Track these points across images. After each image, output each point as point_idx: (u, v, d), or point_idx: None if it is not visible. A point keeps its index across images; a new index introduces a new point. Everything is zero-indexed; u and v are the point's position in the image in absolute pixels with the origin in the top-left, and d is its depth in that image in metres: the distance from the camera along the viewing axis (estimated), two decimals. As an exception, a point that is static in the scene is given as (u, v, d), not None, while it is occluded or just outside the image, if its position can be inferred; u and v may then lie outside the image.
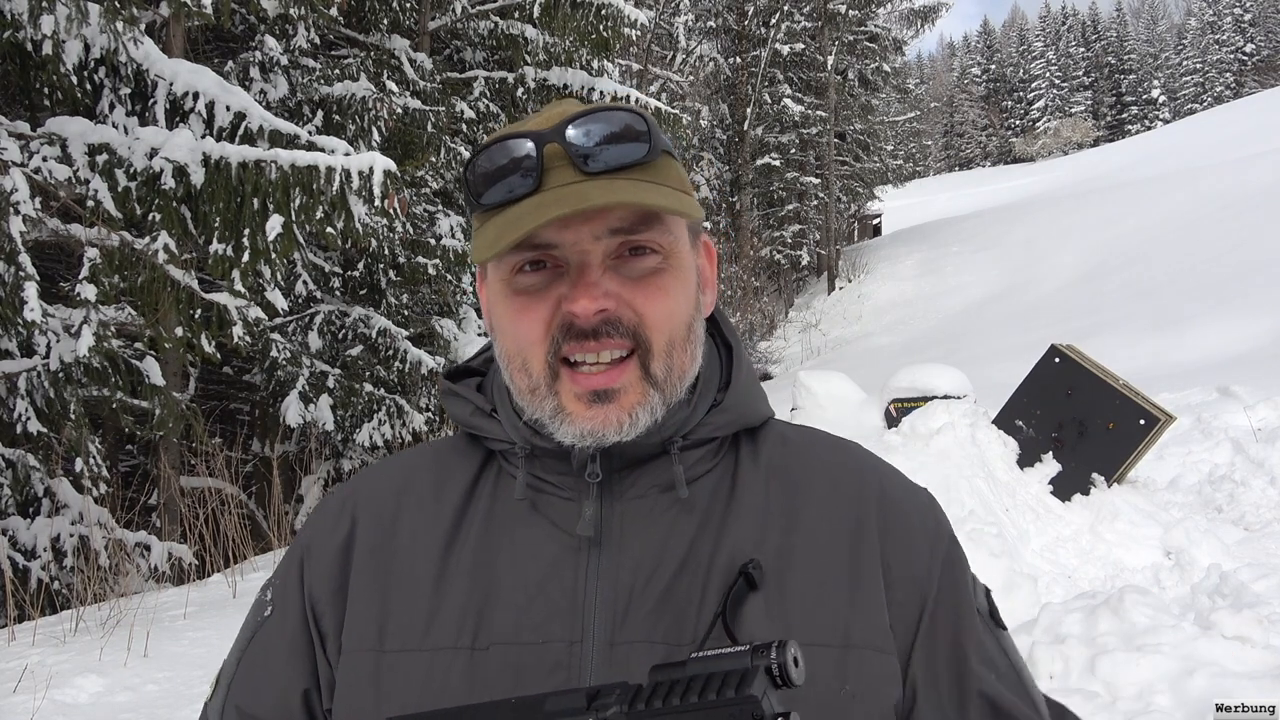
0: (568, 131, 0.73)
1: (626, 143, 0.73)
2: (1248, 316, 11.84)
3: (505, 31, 10.81)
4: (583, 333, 0.73)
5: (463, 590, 0.77)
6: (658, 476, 0.79)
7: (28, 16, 5.15)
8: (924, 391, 6.38)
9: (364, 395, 8.74)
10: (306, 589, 0.81)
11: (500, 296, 0.77)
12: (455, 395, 0.86)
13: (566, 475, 0.79)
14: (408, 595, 0.78)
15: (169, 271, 5.73)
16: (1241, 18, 78.68)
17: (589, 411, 0.74)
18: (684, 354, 0.77)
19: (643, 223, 0.74)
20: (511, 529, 0.79)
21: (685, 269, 0.78)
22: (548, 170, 0.73)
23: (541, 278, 0.74)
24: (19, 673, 3.86)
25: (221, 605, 5.23)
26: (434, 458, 0.87)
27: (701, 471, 0.80)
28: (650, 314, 0.74)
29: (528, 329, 0.75)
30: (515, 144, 0.74)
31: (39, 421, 5.56)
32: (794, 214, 27.54)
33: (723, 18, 26.12)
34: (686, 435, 0.79)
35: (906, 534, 0.80)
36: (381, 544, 0.81)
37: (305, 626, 0.81)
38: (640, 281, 0.74)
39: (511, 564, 0.77)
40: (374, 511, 0.83)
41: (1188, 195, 20.75)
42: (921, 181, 62.16)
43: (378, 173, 5.77)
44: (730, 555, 0.76)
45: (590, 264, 0.73)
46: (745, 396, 0.83)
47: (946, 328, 18.93)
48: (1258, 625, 3.27)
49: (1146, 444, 5.44)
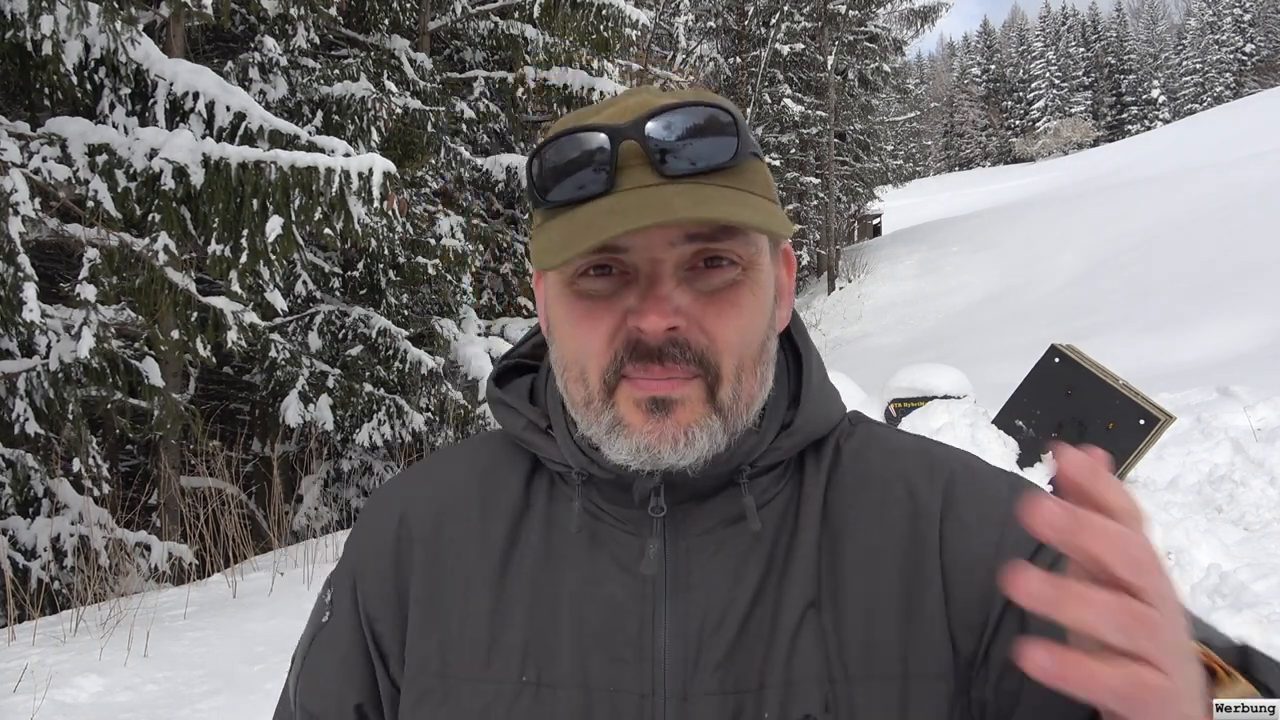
0: (648, 126, 0.66)
1: (711, 138, 0.67)
2: (1248, 316, 11.84)
3: (505, 31, 10.81)
4: (649, 352, 0.67)
5: (523, 621, 0.73)
6: (724, 509, 0.74)
7: (28, 16, 5.15)
8: (924, 391, 6.38)
9: (364, 395, 8.74)
10: (362, 610, 0.79)
11: (561, 300, 0.71)
12: (505, 406, 0.81)
13: (627, 507, 0.74)
14: (465, 618, 0.75)
15: (167, 273, 5.73)
16: (1241, 18, 78.71)
17: (647, 424, 0.68)
18: (753, 378, 0.71)
19: (724, 231, 0.67)
20: (570, 559, 0.74)
21: (764, 283, 0.71)
22: (622, 169, 0.67)
23: (608, 284, 0.68)
24: (19, 673, 3.86)
25: (222, 605, 5.23)
26: (483, 458, 0.82)
27: (770, 497, 0.75)
28: (722, 335, 0.68)
29: (589, 339, 0.69)
30: (588, 137, 0.67)
31: (37, 422, 5.56)
32: (794, 214, 27.53)
33: (723, 18, 26.13)
34: (754, 463, 0.74)
35: (970, 532, 0.72)
36: (434, 566, 0.77)
37: (361, 643, 0.79)
38: (714, 297, 0.68)
39: (572, 600, 0.73)
40: (423, 508, 0.80)
41: (1188, 195, 20.76)
42: (921, 181, 62.18)
43: (377, 173, 5.77)
44: (794, 590, 0.71)
45: (662, 275, 0.67)
46: (816, 412, 0.77)
47: (946, 328, 18.93)
48: (1258, 625, 3.27)
49: (1146, 444, 5.44)
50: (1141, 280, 16.25)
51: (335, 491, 9.81)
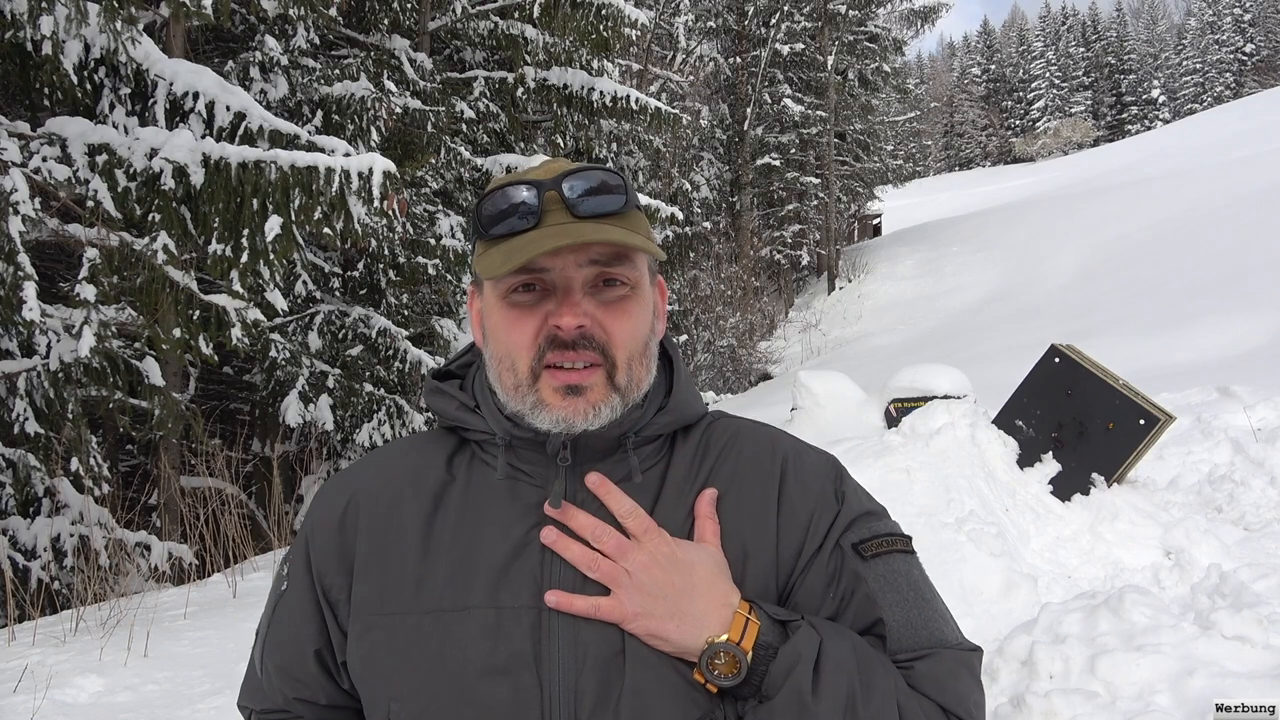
0: (564, 183, 0.92)
1: (606, 194, 0.93)
2: (1248, 316, 11.84)
3: (505, 31, 10.81)
4: (564, 343, 0.91)
5: (445, 560, 0.93)
6: (615, 469, 0.97)
7: (28, 16, 5.15)
8: (924, 391, 6.38)
9: (364, 395, 8.74)
10: (315, 569, 1.00)
11: (496, 309, 0.95)
12: (441, 393, 1.05)
13: (539, 465, 0.96)
14: (399, 565, 0.95)
15: (168, 272, 5.73)
16: (1241, 18, 78.68)
17: (563, 402, 0.91)
18: (640, 367, 0.96)
19: (616, 259, 0.93)
20: (487, 507, 0.96)
21: (646, 299, 0.97)
22: (545, 211, 0.92)
23: (533, 297, 0.93)
24: (19, 673, 3.86)
25: (222, 605, 5.23)
26: (412, 448, 1.05)
27: (653, 463, 0.99)
28: (616, 333, 0.93)
29: (519, 336, 0.93)
30: (519, 189, 0.93)
31: (38, 422, 5.56)
32: (794, 214, 27.54)
33: (723, 18, 26.11)
34: (639, 432, 0.97)
35: (799, 497, 0.97)
36: (375, 524, 0.98)
37: (315, 599, 0.99)
38: (611, 306, 0.93)
39: (488, 538, 0.93)
40: (366, 498, 1.00)
41: (1187, 195, 20.75)
42: (921, 181, 62.16)
43: (377, 173, 5.77)
44: (674, 529, 0.94)
45: (574, 288, 0.92)
46: (684, 401, 1.02)
47: (946, 328, 18.92)
48: (1258, 625, 3.27)
49: (1146, 444, 5.43)
50: (1141, 280, 16.25)
51: (335, 491, 9.78)
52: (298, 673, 1.01)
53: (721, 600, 0.90)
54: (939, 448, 5.58)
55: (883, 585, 0.95)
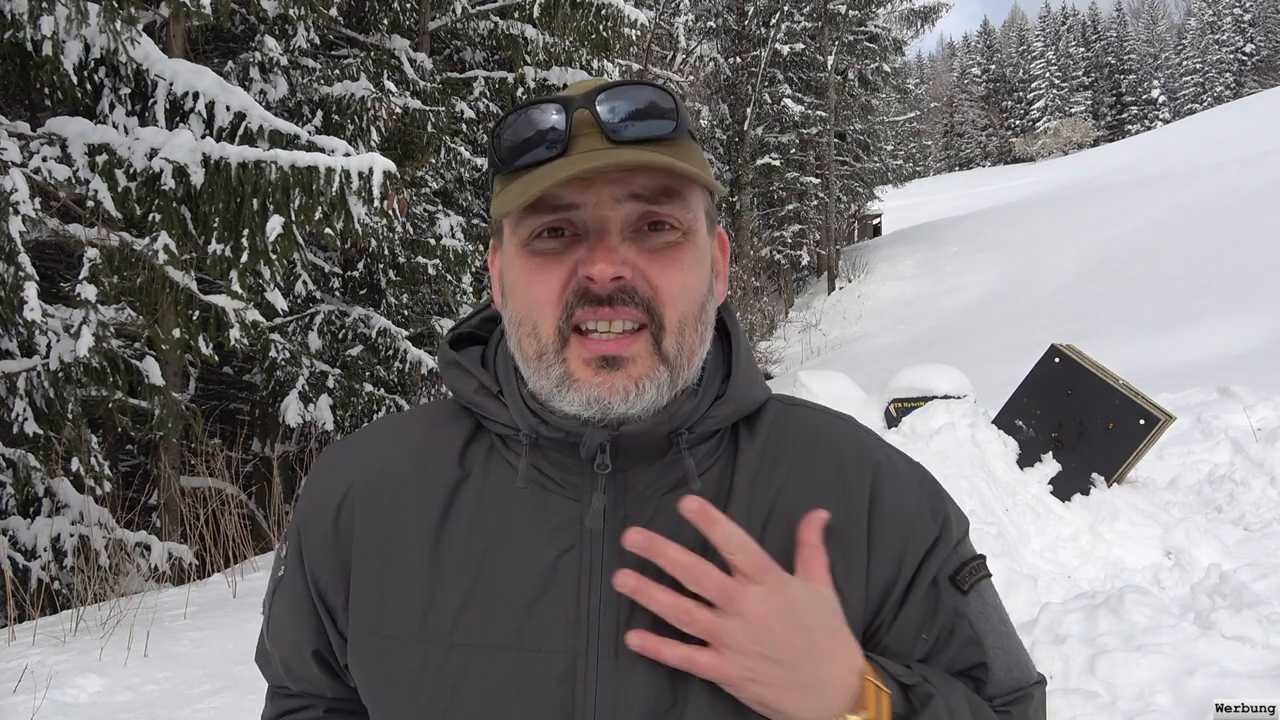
0: (599, 99, 0.74)
1: (653, 119, 0.74)
2: (1248, 316, 11.84)
3: (505, 31, 10.81)
4: (597, 299, 0.72)
5: (458, 582, 0.76)
6: (666, 474, 0.78)
7: (28, 16, 5.14)
8: (924, 391, 6.38)
9: (364, 395, 8.74)
10: (308, 566, 0.84)
11: (517, 260, 0.76)
12: (458, 368, 0.85)
13: (570, 471, 0.78)
14: (401, 580, 0.78)
15: (168, 272, 5.73)
16: (1241, 18, 78.69)
17: (596, 377, 0.73)
18: (695, 334, 0.76)
19: (664, 194, 0.74)
20: (510, 521, 0.78)
21: (702, 249, 0.78)
22: (575, 137, 0.74)
23: (560, 243, 0.74)
24: (19, 673, 3.86)
25: (222, 605, 5.23)
26: (420, 428, 0.86)
27: (709, 464, 0.80)
28: (666, 288, 0.74)
29: (542, 291, 0.74)
30: (545, 109, 0.75)
31: (37, 422, 5.56)
32: (794, 214, 27.54)
33: (723, 18, 26.11)
34: (692, 429, 0.78)
35: (891, 527, 0.80)
36: (374, 525, 0.81)
37: (309, 598, 0.84)
38: (658, 254, 0.74)
39: (512, 562, 0.76)
40: (364, 490, 0.83)
41: (1187, 195, 20.75)
42: (921, 181, 62.17)
43: (377, 173, 5.77)
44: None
45: (610, 230, 0.73)
46: (745, 387, 0.83)
47: (946, 328, 18.92)
48: (1258, 625, 3.27)
49: (1146, 444, 5.44)
50: (1141, 280, 16.25)
51: (335, 491, 9.80)
52: (299, 669, 0.89)
53: (847, 665, 0.73)
54: (939, 448, 5.58)
55: (983, 623, 0.82)
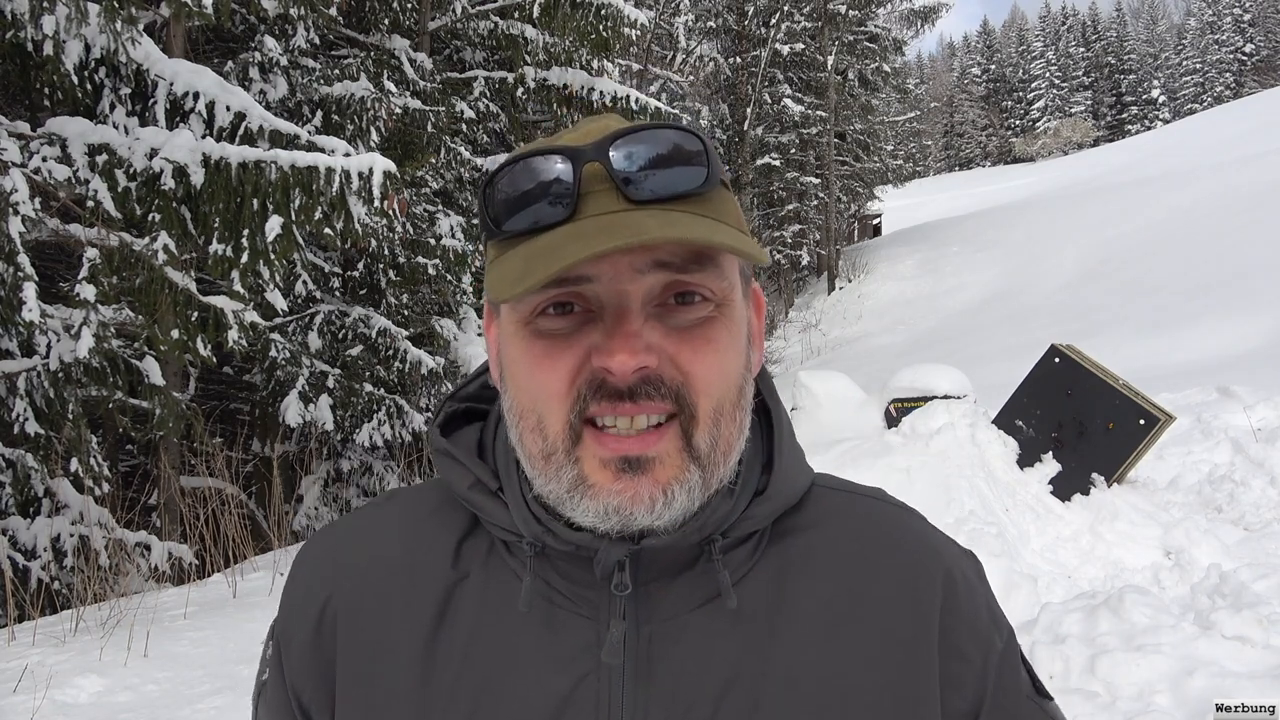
0: (612, 148, 0.61)
1: (679, 167, 0.62)
2: (1248, 316, 11.84)
3: (505, 31, 10.81)
4: (616, 393, 0.60)
5: (454, 709, 0.66)
6: (696, 587, 0.67)
7: (28, 16, 5.15)
8: (924, 391, 6.37)
9: (364, 395, 8.74)
10: (288, 680, 0.73)
11: (516, 340, 0.64)
12: (451, 460, 0.72)
13: (583, 586, 0.67)
14: (390, 704, 0.68)
15: (167, 273, 5.73)
16: (1241, 18, 78.71)
17: (616, 483, 0.61)
18: (732, 424, 0.64)
19: (695, 262, 0.61)
20: (513, 639, 0.67)
21: (739, 321, 0.65)
22: (585, 195, 0.61)
23: (569, 322, 0.62)
24: (19, 673, 3.86)
25: (222, 605, 5.23)
26: (409, 521, 0.74)
27: (744, 571, 0.68)
28: (698, 373, 0.61)
29: (548, 382, 0.62)
30: (548, 161, 0.62)
31: (37, 422, 5.56)
32: (794, 214, 27.54)
33: (723, 18, 26.11)
34: (726, 534, 0.67)
35: (969, 640, 0.70)
36: (358, 636, 0.70)
37: (290, 711, 0.74)
38: (687, 333, 0.62)
39: (515, 688, 0.66)
40: (347, 597, 0.72)
41: (1187, 195, 20.75)
42: (921, 181, 62.20)
43: (377, 173, 5.77)
44: (784, 674, 0.66)
45: (630, 309, 0.60)
46: (790, 478, 0.71)
47: (946, 328, 18.92)
48: (1258, 625, 3.27)
49: (1146, 444, 5.44)
50: (1141, 280, 16.25)
51: (335, 491, 9.81)
52: None
53: None
54: (939, 448, 5.58)
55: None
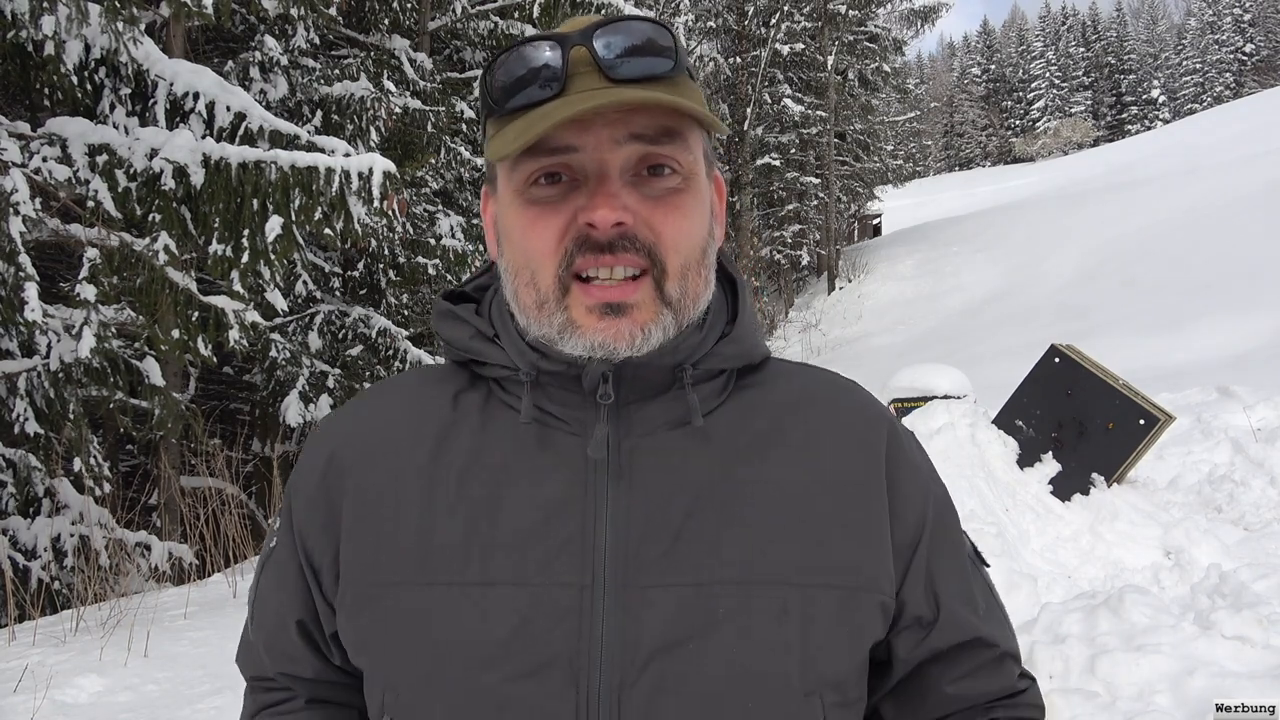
0: (596, 38, 0.72)
1: (652, 55, 0.73)
2: (1248, 316, 11.84)
3: (505, 31, 10.81)
4: (598, 245, 0.71)
5: (457, 521, 0.75)
6: (668, 409, 0.77)
7: (29, 17, 5.15)
8: (924, 391, 6.37)
9: (364, 395, 8.74)
10: (296, 530, 0.82)
11: (512, 208, 0.75)
12: (453, 317, 0.84)
13: (573, 407, 0.77)
14: (397, 526, 0.76)
15: (168, 273, 5.73)
16: (1241, 18, 78.70)
17: (601, 323, 0.72)
18: (698, 278, 0.75)
19: (666, 136, 0.72)
20: (511, 457, 0.77)
21: (703, 193, 0.77)
22: (572, 76, 0.72)
23: (558, 190, 0.72)
24: (19, 673, 3.86)
25: (222, 605, 5.23)
26: (411, 383, 0.86)
27: (713, 405, 0.79)
28: (667, 234, 0.72)
29: (540, 239, 0.72)
30: (539, 46, 0.72)
31: (38, 422, 5.56)
32: (794, 214, 27.54)
33: (723, 18, 26.11)
34: (696, 364, 0.78)
35: (910, 480, 0.82)
36: (365, 473, 0.79)
37: (297, 563, 0.82)
38: (659, 200, 0.73)
39: (514, 495, 0.75)
40: (353, 443, 0.82)
41: (1188, 195, 20.75)
42: (921, 181, 62.16)
43: (377, 173, 5.77)
44: (750, 489, 0.76)
45: (610, 174, 0.71)
46: (751, 330, 0.83)
47: (946, 328, 18.92)
48: (1258, 625, 3.27)
49: (1146, 444, 5.44)
50: (1141, 280, 16.25)
51: (335, 491, 9.80)
52: (283, 645, 0.86)
53: None
54: (939, 448, 5.58)
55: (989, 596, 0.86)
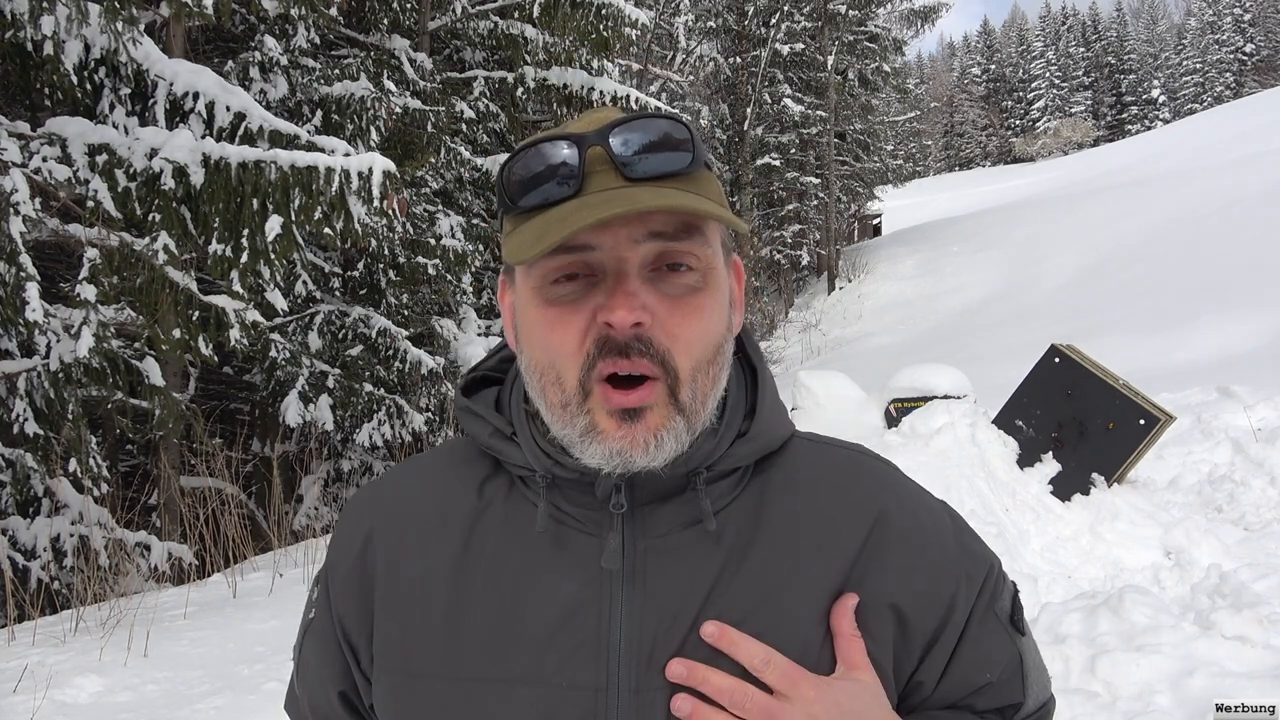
0: (612, 134, 0.73)
1: (669, 151, 0.73)
2: (1248, 316, 11.84)
3: (505, 31, 10.81)
4: (618, 348, 0.71)
5: (481, 617, 0.77)
6: (682, 511, 0.78)
7: (28, 16, 5.14)
8: (924, 391, 6.37)
9: (364, 395, 8.74)
10: (334, 608, 0.85)
11: (531, 307, 0.75)
12: (473, 415, 0.85)
13: (588, 509, 0.78)
14: (425, 617, 0.79)
15: (168, 273, 5.73)
16: (1241, 18, 78.68)
17: (619, 430, 0.72)
18: (707, 377, 0.75)
19: (684, 232, 0.73)
20: (529, 558, 0.78)
21: (721, 289, 0.77)
22: (589, 175, 0.73)
23: (576, 287, 0.73)
24: (19, 673, 3.86)
25: (221, 605, 5.23)
26: (442, 466, 0.87)
27: (725, 503, 0.79)
28: (683, 337, 0.73)
29: (562, 341, 0.73)
30: (557, 145, 0.73)
31: (37, 422, 5.56)
32: (794, 214, 27.53)
33: (723, 18, 26.10)
34: (710, 467, 0.78)
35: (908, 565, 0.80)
36: (395, 562, 0.82)
37: (336, 640, 0.85)
38: (678, 301, 0.73)
39: (531, 598, 0.76)
40: (387, 527, 0.84)
41: (1188, 195, 20.75)
42: (921, 181, 62.15)
43: (377, 173, 5.77)
44: (752, 590, 0.76)
45: (628, 272, 0.71)
46: (770, 423, 0.82)
47: (946, 328, 18.92)
48: (1258, 625, 3.27)
49: (1146, 444, 5.43)
50: (1141, 280, 16.24)
51: (335, 491, 9.81)
52: (326, 710, 0.89)
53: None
54: (939, 448, 5.58)
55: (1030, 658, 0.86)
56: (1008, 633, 0.84)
